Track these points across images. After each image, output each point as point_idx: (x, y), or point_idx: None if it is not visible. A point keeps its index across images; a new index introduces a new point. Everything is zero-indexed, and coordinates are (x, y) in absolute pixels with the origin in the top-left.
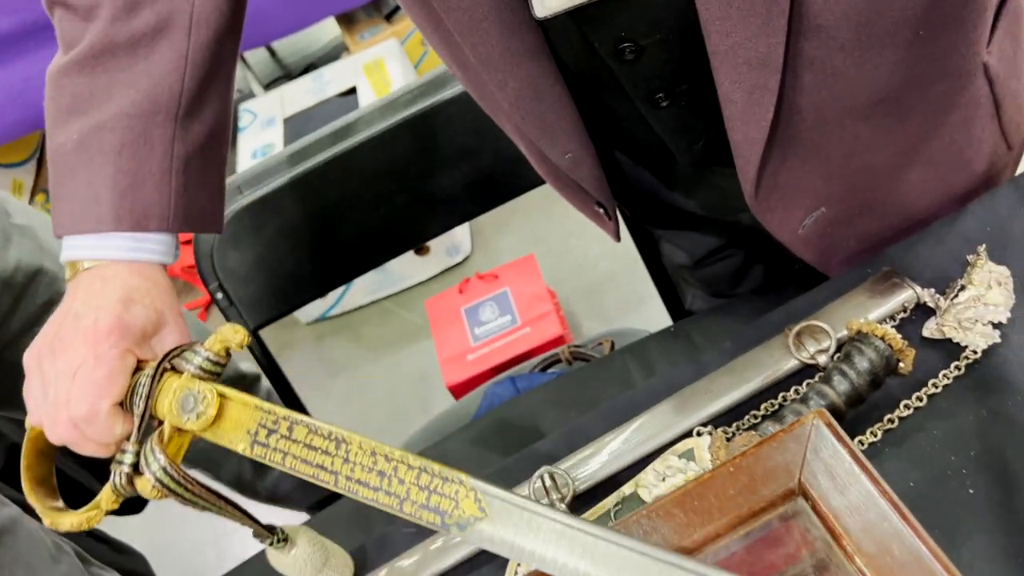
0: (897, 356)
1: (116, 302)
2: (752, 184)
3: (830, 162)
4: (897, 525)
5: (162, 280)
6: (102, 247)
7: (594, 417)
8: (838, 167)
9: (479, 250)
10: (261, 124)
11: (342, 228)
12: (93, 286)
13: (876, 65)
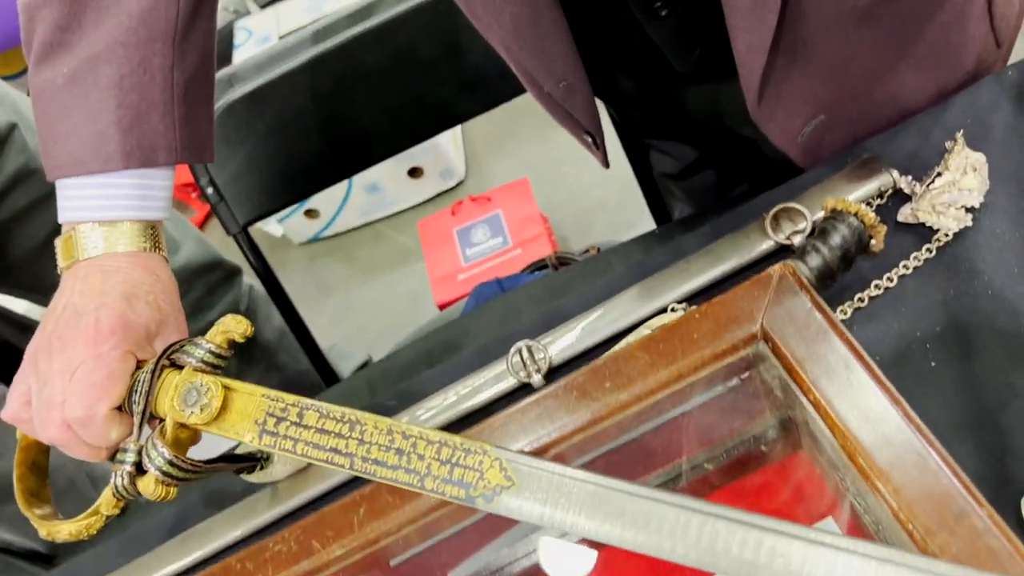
0: (869, 232)
1: (119, 299)
2: (755, 93)
3: (831, 68)
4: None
5: (164, 275)
6: (108, 196)
7: (572, 300)
8: (839, 72)
9: (473, 174)
10: (256, 42)
11: (333, 127)
12: (93, 279)
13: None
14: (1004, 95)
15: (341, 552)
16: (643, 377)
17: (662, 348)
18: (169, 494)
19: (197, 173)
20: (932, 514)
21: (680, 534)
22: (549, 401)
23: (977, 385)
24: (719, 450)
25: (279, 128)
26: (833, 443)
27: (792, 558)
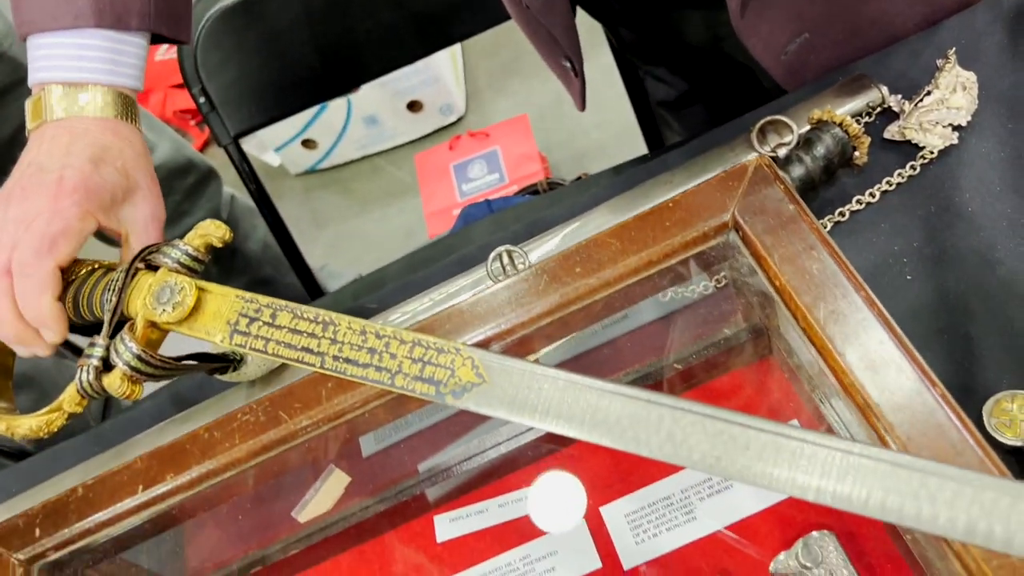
0: (853, 144)
1: (85, 160)
2: (737, 1)
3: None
4: (827, 260)
5: (137, 141)
6: (79, 57)
7: (556, 211)
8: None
9: (473, 111)
10: None
11: (326, 40)
12: (60, 140)
13: None
14: (1000, 18)
15: (308, 423)
16: (613, 263)
17: (633, 235)
18: (135, 392)
19: (190, 81)
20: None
21: (648, 430)
22: (519, 285)
23: (949, 298)
24: (689, 351)
25: (272, 38)
26: (795, 325)
27: (760, 448)
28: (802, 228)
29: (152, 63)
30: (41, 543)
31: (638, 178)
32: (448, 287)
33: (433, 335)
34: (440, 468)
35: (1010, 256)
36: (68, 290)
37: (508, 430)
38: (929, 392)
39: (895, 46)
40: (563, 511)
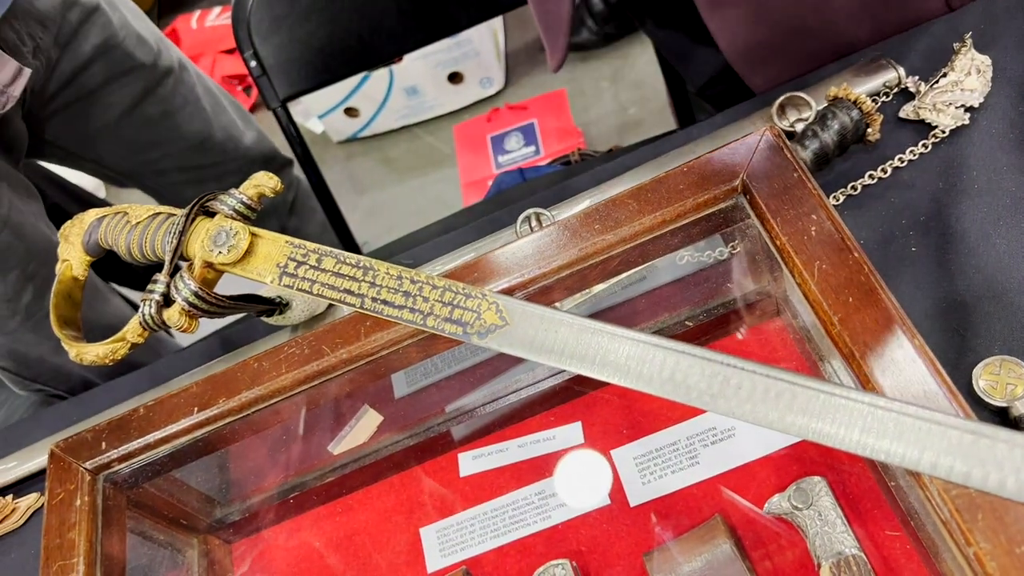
0: (866, 120)
1: None
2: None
3: None
4: (824, 223)
5: None
6: None
7: (585, 177)
8: None
9: (512, 85)
10: None
11: (373, 10)
12: None
13: None
14: (1020, 5)
15: (347, 356)
16: (629, 221)
17: (650, 196)
18: (191, 326)
19: (242, 45)
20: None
21: (652, 368)
22: (543, 239)
23: (950, 270)
24: (701, 311)
25: (322, 7)
26: (794, 284)
27: (751, 389)
28: (804, 194)
29: (202, 29)
30: (107, 455)
31: (663, 149)
32: (478, 244)
33: (462, 282)
34: (465, 409)
35: (1011, 231)
36: (132, 233)
37: (528, 376)
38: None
39: (916, 30)
40: (590, 488)
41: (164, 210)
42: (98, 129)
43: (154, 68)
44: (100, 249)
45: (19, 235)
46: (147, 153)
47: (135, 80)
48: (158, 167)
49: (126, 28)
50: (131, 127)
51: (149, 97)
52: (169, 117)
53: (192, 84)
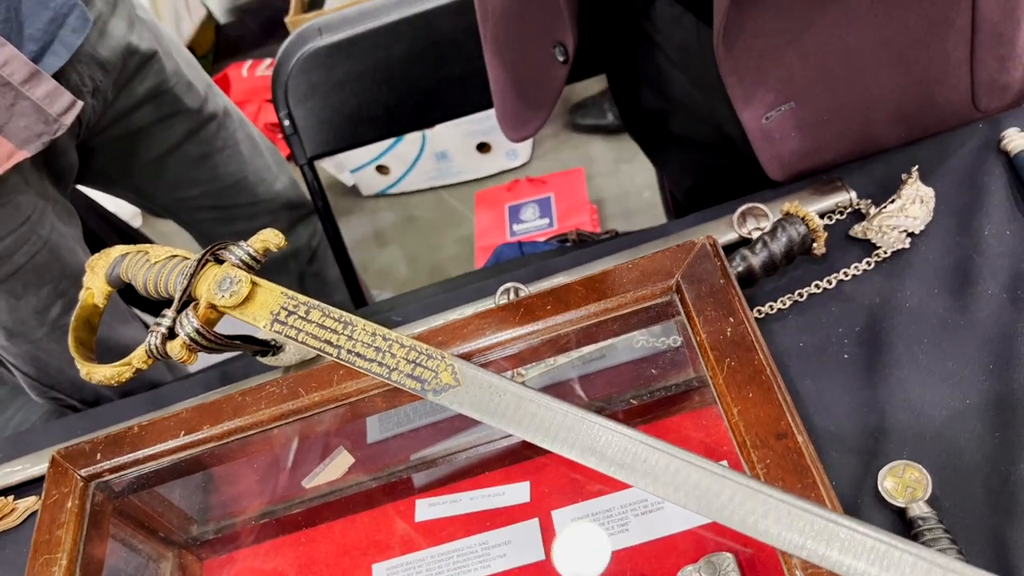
0: (812, 236)
1: None
2: (722, 16)
3: (799, 28)
4: (739, 325)
5: None
6: None
7: (564, 259)
8: (807, 37)
9: (537, 159)
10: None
11: (403, 84)
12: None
13: None
14: (972, 145)
15: (319, 399)
16: (577, 305)
17: (597, 285)
18: (190, 359)
19: (278, 104)
20: (760, 430)
21: (575, 437)
22: (501, 313)
23: (874, 378)
24: (638, 393)
25: (355, 78)
26: (708, 376)
27: (659, 467)
28: (727, 299)
29: (252, 78)
30: (100, 465)
31: (642, 239)
32: (460, 310)
33: (427, 343)
34: (427, 459)
35: (933, 350)
36: (150, 271)
37: (485, 435)
38: (799, 442)
39: (874, 157)
40: (587, 560)
41: (180, 253)
42: (143, 164)
43: (199, 113)
44: (121, 282)
45: (56, 256)
46: (185, 190)
47: (181, 122)
48: (194, 204)
49: (178, 75)
50: (173, 165)
51: (192, 138)
52: (209, 158)
53: (234, 130)
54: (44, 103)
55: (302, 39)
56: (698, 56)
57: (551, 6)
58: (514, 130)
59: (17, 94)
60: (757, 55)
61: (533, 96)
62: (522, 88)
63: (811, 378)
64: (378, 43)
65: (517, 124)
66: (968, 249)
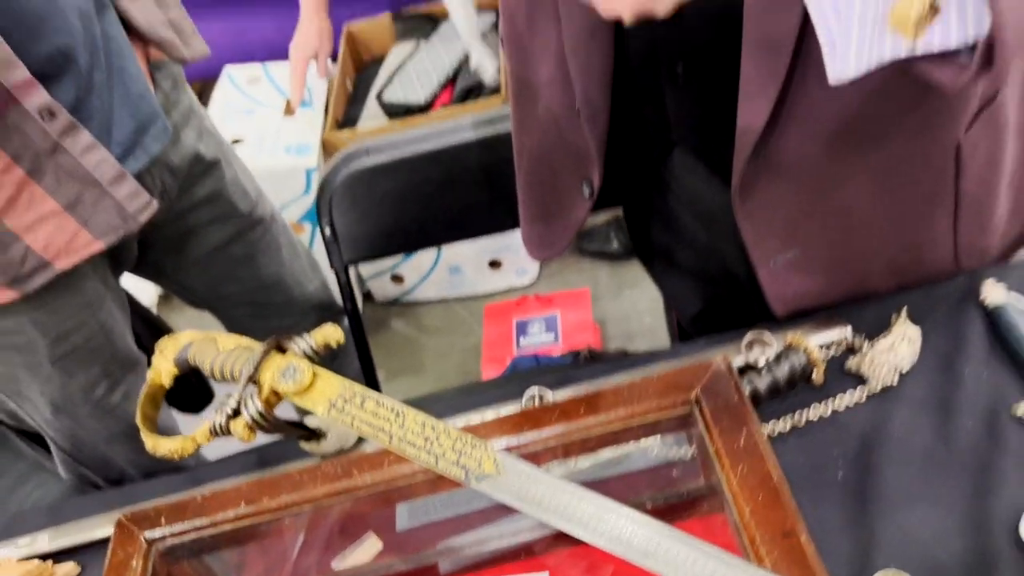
0: (812, 366)
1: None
2: (739, 176)
3: (808, 191)
4: (750, 437)
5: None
6: None
7: (585, 370)
8: (814, 198)
9: (544, 278)
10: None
11: (436, 204)
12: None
13: (850, 94)
14: (955, 296)
15: (371, 481)
16: (607, 410)
17: (626, 394)
18: (250, 438)
19: (321, 213)
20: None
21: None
22: (538, 413)
23: (865, 496)
24: (653, 497)
25: (393, 196)
26: (723, 480)
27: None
28: (740, 412)
29: None
30: (163, 529)
31: (656, 359)
32: (488, 410)
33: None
34: (452, 548)
35: (919, 475)
36: (218, 357)
37: (509, 528)
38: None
39: (874, 299)
40: None
41: (245, 342)
42: (192, 260)
43: (249, 216)
44: (187, 365)
45: (110, 339)
46: (226, 287)
47: (232, 224)
48: (233, 300)
49: (235, 182)
50: (219, 263)
51: (239, 240)
52: (252, 259)
53: (277, 234)
54: (125, 202)
55: (349, 158)
56: (709, 201)
57: (583, 150)
58: (539, 251)
59: (103, 192)
60: (768, 208)
61: (559, 224)
62: (549, 216)
63: (808, 495)
64: (418, 167)
65: (543, 247)
66: (950, 387)
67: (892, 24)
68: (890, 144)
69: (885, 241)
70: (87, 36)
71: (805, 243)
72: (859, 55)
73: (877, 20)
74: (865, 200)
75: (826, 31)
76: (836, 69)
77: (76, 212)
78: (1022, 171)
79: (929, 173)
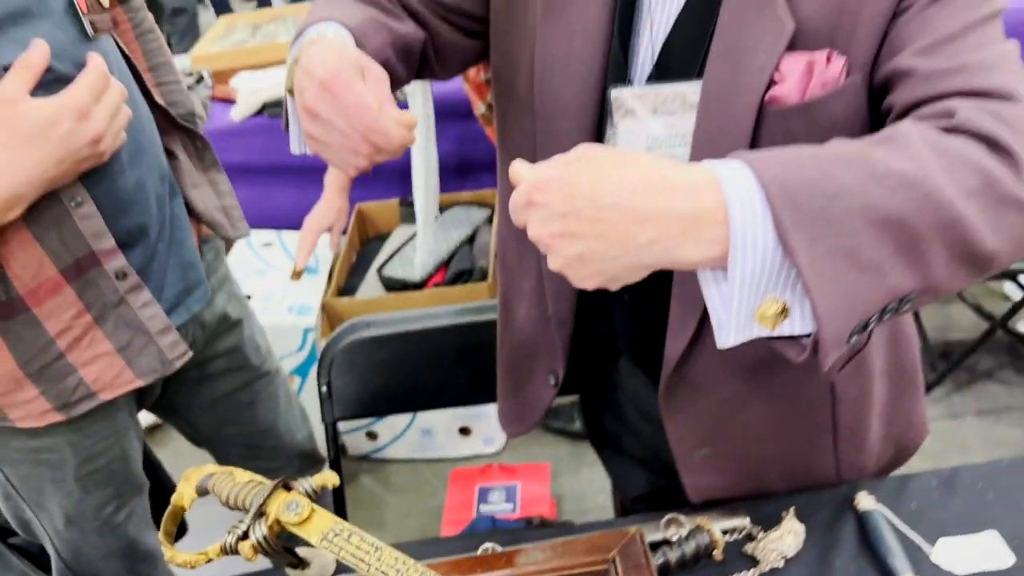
0: (714, 545)
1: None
2: (664, 387)
3: (717, 407)
4: None
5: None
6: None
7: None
8: (723, 413)
9: (510, 449)
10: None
11: (424, 375)
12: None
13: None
14: (835, 501)
15: None
16: (545, 561)
17: (561, 549)
18: (253, 558)
19: (321, 373)
20: None
21: None
22: (489, 558)
23: None
24: None
25: (387, 364)
26: None
27: None
28: (646, 571)
29: None
30: None
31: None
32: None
33: None
34: None
35: None
36: (234, 488)
37: None
38: None
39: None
40: None
41: (258, 478)
42: (202, 402)
43: (259, 370)
44: (206, 492)
45: (126, 465)
46: (227, 428)
47: (243, 375)
48: (229, 440)
49: (251, 340)
50: (225, 407)
51: (246, 388)
52: (253, 406)
53: (278, 386)
54: (167, 349)
55: (353, 328)
56: (648, 401)
57: (551, 348)
58: (510, 426)
59: (150, 340)
60: (687, 414)
61: (529, 405)
62: (521, 398)
63: None
64: (410, 342)
65: (514, 422)
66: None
67: (757, 317)
68: (778, 379)
69: (779, 452)
70: (160, 215)
71: (716, 446)
72: (736, 333)
73: (749, 313)
74: (762, 419)
75: (715, 315)
76: (721, 339)
77: (125, 354)
78: (891, 406)
79: (810, 403)
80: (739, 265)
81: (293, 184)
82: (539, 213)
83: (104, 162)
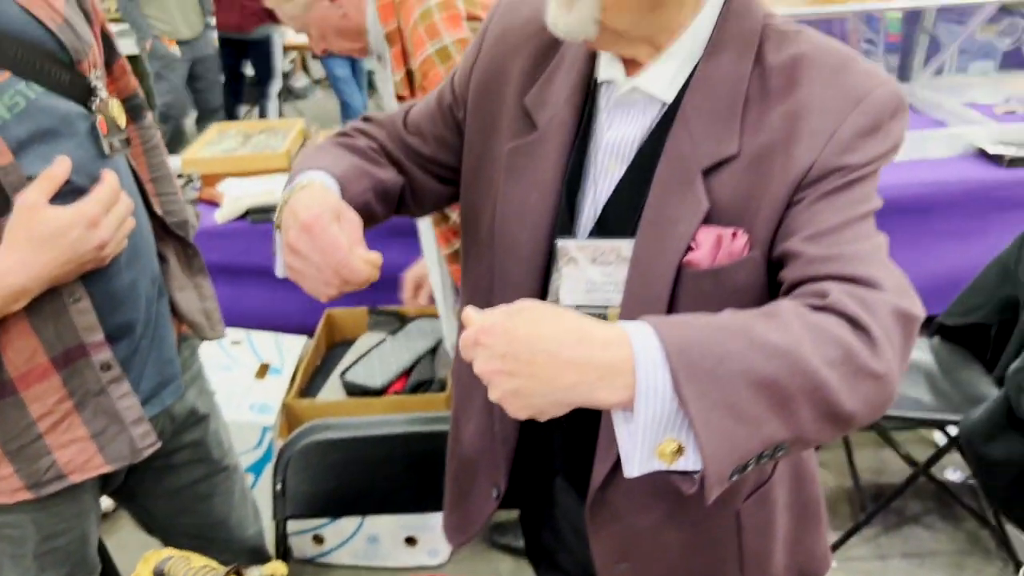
0: None
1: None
2: (588, 507)
3: (634, 529)
4: None
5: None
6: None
7: None
8: (639, 534)
9: (454, 562)
10: None
11: (375, 479)
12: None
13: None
14: None
15: None
16: None
17: None
18: None
19: (277, 471)
20: None
21: None
22: None
23: None
24: None
25: (342, 465)
26: None
27: None
28: None
29: None
30: None
31: None
32: None
33: None
34: None
35: None
36: (189, 571)
37: None
38: None
39: None
40: None
41: (212, 564)
42: (161, 491)
43: (219, 463)
44: (162, 574)
45: (83, 547)
46: (182, 518)
47: (203, 467)
48: (182, 530)
49: (215, 435)
50: (183, 497)
51: (205, 481)
52: (210, 499)
53: (235, 481)
54: (137, 439)
55: (313, 429)
56: (578, 517)
57: (495, 463)
58: (453, 536)
59: (123, 428)
60: (608, 532)
61: (471, 516)
62: (465, 508)
63: None
64: (367, 447)
65: (457, 531)
66: None
67: (657, 454)
68: (689, 508)
69: (692, 573)
70: (147, 314)
71: (634, 563)
72: (640, 465)
73: (651, 449)
74: (675, 542)
75: (624, 448)
76: (627, 469)
77: (99, 440)
78: (794, 537)
79: (719, 531)
80: (643, 408)
81: (267, 287)
82: (484, 352)
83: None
